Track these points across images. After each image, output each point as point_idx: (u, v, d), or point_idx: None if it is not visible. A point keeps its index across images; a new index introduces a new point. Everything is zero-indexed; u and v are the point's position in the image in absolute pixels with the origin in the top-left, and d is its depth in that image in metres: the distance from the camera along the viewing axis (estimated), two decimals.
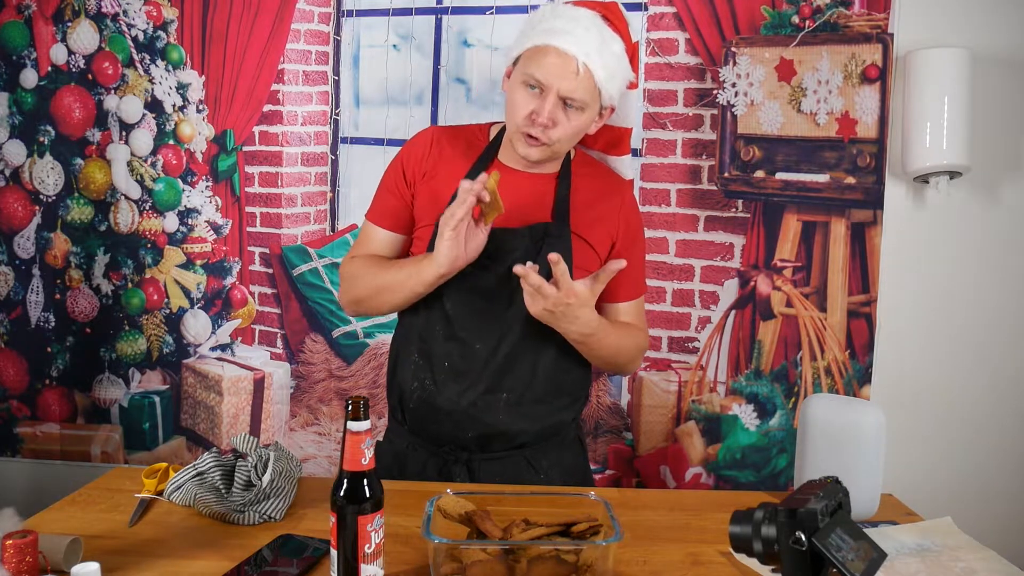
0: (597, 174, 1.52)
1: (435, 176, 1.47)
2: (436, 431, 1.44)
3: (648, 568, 1.12)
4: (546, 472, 1.47)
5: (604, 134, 1.55)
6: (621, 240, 1.48)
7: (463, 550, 1.04)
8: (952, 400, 2.27)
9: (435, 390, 1.42)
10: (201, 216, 2.38)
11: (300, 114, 2.34)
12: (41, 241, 2.42)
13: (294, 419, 2.41)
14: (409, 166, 1.49)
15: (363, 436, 0.98)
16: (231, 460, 1.32)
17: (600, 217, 1.46)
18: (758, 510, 0.90)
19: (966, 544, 1.21)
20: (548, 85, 1.32)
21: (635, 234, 1.52)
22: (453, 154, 1.48)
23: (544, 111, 1.33)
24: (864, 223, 2.21)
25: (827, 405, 1.35)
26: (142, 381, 2.44)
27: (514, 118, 1.37)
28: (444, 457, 1.45)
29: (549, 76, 1.32)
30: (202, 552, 1.14)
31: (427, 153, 1.49)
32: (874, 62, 2.16)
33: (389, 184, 1.51)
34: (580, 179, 1.48)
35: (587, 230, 1.44)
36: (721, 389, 2.29)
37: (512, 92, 1.38)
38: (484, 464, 1.44)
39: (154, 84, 2.35)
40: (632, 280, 1.51)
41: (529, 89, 1.34)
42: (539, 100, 1.34)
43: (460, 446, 1.44)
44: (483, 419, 1.41)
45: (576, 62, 1.31)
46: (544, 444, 1.47)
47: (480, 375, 1.41)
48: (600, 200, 1.47)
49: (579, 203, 1.45)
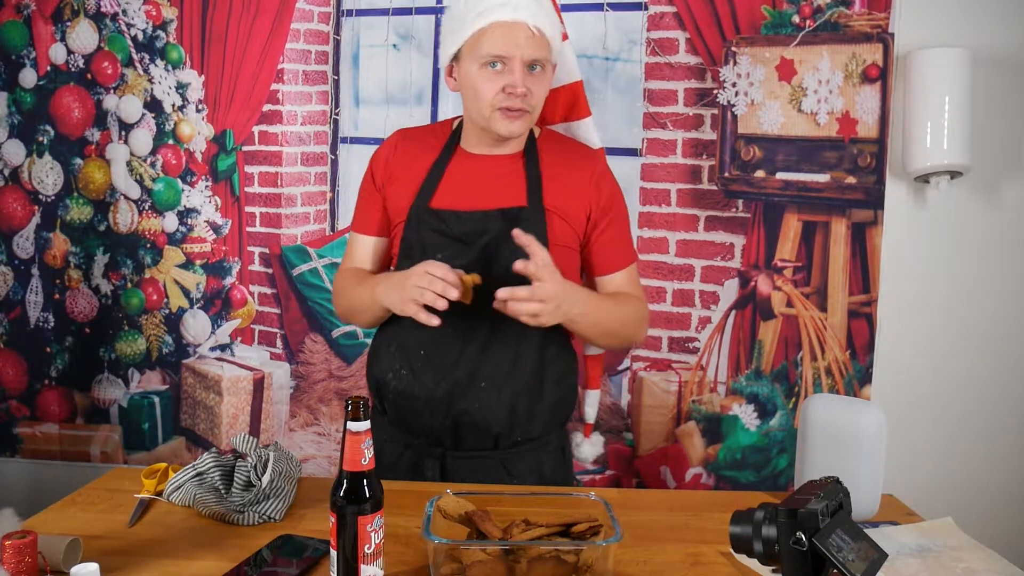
0: (564, 147, 1.53)
1: (401, 175, 1.50)
2: (414, 421, 1.44)
3: (648, 568, 1.12)
4: (521, 478, 1.44)
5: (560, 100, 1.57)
6: (596, 210, 1.47)
7: (463, 550, 1.04)
8: (953, 400, 2.27)
9: (412, 379, 1.42)
10: (201, 216, 2.38)
11: (300, 114, 2.34)
12: (40, 241, 2.42)
13: (294, 419, 2.40)
14: (377, 172, 1.54)
15: (363, 436, 0.97)
16: (231, 460, 1.32)
17: (572, 190, 1.46)
18: (758, 510, 0.89)
19: (967, 544, 1.21)
20: (511, 56, 1.35)
21: (612, 202, 1.50)
22: (418, 149, 1.51)
23: (518, 81, 1.35)
24: (865, 223, 2.20)
25: (827, 405, 1.35)
26: (141, 381, 2.44)
27: (483, 100, 1.39)
28: (418, 451, 1.45)
29: (510, 47, 1.35)
30: (202, 552, 1.14)
31: (391, 156, 1.53)
32: (875, 62, 2.16)
33: (363, 192, 1.57)
34: (548, 154, 1.48)
35: (561, 205, 1.44)
36: (721, 389, 2.28)
37: (471, 80, 1.39)
38: (459, 463, 1.43)
39: (153, 84, 2.35)
40: (620, 249, 1.51)
41: (491, 68, 1.37)
42: (506, 74, 1.36)
43: (435, 439, 1.44)
44: (458, 406, 1.40)
45: (527, 25, 1.35)
46: (521, 447, 1.45)
47: (457, 363, 1.40)
48: (571, 172, 1.47)
49: (549, 177, 1.45)
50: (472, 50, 1.38)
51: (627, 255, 1.53)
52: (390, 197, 1.51)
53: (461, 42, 1.39)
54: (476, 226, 1.40)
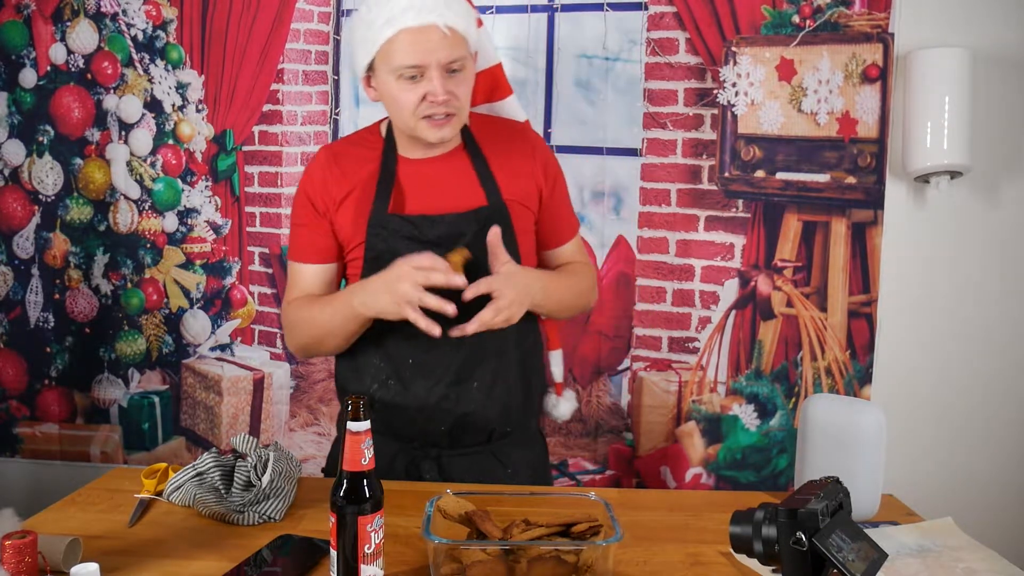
0: (498, 130, 1.51)
1: (348, 194, 1.43)
2: (406, 429, 1.43)
3: (648, 568, 1.12)
4: (513, 467, 1.47)
5: (479, 85, 1.53)
6: (544, 186, 1.48)
7: (463, 550, 1.04)
8: (953, 400, 2.27)
9: (401, 388, 1.40)
10: (200, 216, 2.38)
11: (300, 114, 2.33)
12: (40, 241, 2.42)
13: (294, 419, 2.40)
14: (317, 199, 1.45)
15: (363, 436, 0.97)
16: (231, 460, 1.32)
17: (522, 176, 1.46)
18: (758, 510, 0.89)
19: (967, 544, 1.21)
20: (426, 63, 1.29)
21: (553, 173, 1.51)
22: (354, 165, 1.44)
23: (438, 89, 1.29)
24: (864, 223, 2.20)
25: (827, 405, 1.35)
26: (141, 381, 2.44)
27: (406, 111, 1.33)
28: (412, 453, 1.45)
29: (423, 55, 1.28)
30: (202, 552, 1.14)
31: (327, 178, 1.44)
32: (875, 62, 2.16)
33: (301, 219, 1.47)
34: (487, 144, 1.46)
35: (518, 194, 1.44)
36: (721, 389, 2.28)
37: (389, 92, 1.34)
38: (455, 460, 1.44)
39: (153, 84, 2.35)
40: (565, 220, 1.53)
41: (408, 79, 1.30)
42: (424, 83, 1.30)
43: (431, 441, 1.44)
44: (456, 411, 1.40)
45: (437, 27, 1.28)
46: (510, 438, 1.48)
47: (448, 367, 1.40)
48: (512, 155, 1.46)
49: (498, 168, 1.44)
50: (385, 61, 1.31)
51: (573, 224, 1.56)
52: (340, 219, 1.43)
53: (372, 53, 1.32)
54: (450, 228, 1.38)
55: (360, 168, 1.44)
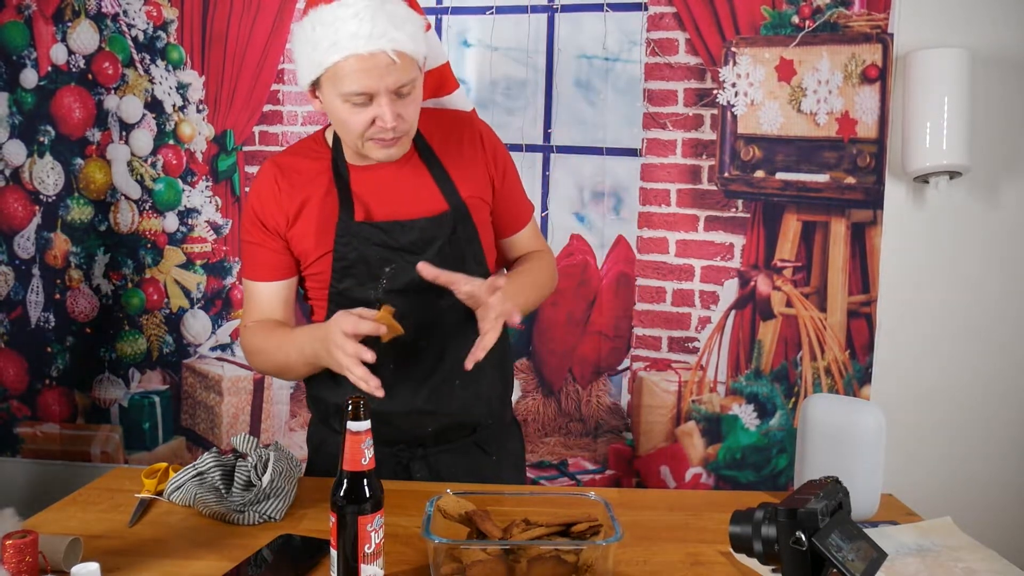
0: (444, 124, 1.48)
1: (302, 208, 1.40)
2: (391, 433, 1.41)
3: (648, 568, 1.12)
4: (496, 454, 1.51)
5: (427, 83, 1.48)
6: (495, 174, 1.48)
7: (463, 550, 1.04)
8: (952, 400, 2.27)
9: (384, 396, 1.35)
10: (201, 216, 2.38)
11: (300, 114, 2.34)
12: (41, 241, 2.42)
13: (294, 419, 2.41)
14: (267, 217, 1.41)
15: (363, 436, 0.98)
16: (231, 460, 1.32)
17: (473, 167, 1.45)
18: (758, 510, 0.90)
19: (966, 544, 1.21)
20: (375, 90, 1.24)
21: (503, 160, 1.50)
22: (304, 177, 1.41)
23: (387, 115, 1.25)
24: (864, 223, 2.21)
25: (827, 405, 1.35)
26: (142, 381, 2.44)
27: (353, 133, 1.30)
28: (399, 455, 1.45)
29: (372, 82, 1.24)
30: (202, 552, 1.14)
31: (277, 195, 1.41)
32: (874, 62, 2.16)
33: (252, 238, 1.44)
34: (436, 142, 1.44)
35: (472, 187, 1.43)
36: (721, 389, 2.29)
37: (336, 111, 1.29)
38: (442, 456, 1.45)
39: (154, 84, 2.35)
40: (519, 205, 1.54)
41: (354, 105, 1.26)
42: (373, 107, 1.26)
43: (417, 441, 1.44)
44: (441, 410, 1.41)
45: (385, 53, 1.22)
46: (491, 428, 1.50)
47: (430, 370, 1.40)
48: (463, 147, 1.45)
49: (451, 166, 1.42)
50: (332, 83, 1.26)
51: (528, 208, 1.56)
52: (297, 232, 1.40)
53: (318, 72, 1.27)
54: (422, 234, 1.37)
55: (310, 179, 1.41)
